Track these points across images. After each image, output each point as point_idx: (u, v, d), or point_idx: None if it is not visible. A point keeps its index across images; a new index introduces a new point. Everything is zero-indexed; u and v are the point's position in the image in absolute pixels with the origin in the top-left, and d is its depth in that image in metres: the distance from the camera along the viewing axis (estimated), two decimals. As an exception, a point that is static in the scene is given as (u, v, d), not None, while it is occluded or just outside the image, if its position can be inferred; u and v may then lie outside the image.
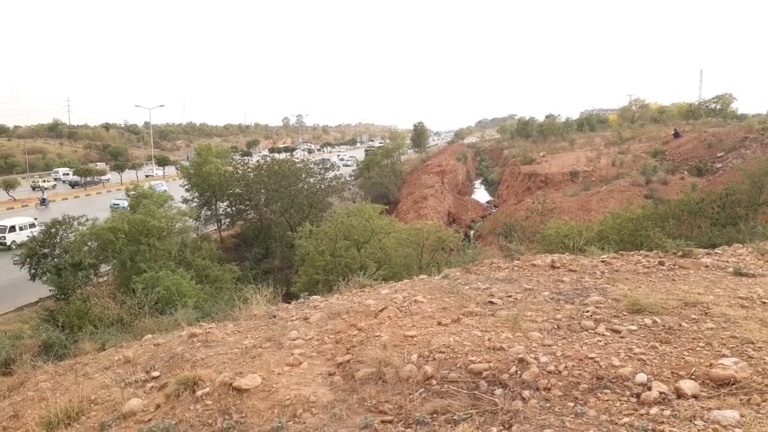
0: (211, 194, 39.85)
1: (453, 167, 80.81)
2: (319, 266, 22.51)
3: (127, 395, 6.34)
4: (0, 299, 26.42)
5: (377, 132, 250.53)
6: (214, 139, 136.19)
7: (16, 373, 9.35)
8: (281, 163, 41.33)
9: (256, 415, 5.21)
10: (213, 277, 26.38)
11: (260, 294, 10.51)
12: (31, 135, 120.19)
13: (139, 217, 26.20)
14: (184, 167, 45.56)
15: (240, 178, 39.35)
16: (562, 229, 20.34)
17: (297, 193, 37.51)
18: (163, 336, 8.94)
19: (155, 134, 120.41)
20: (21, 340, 17.44)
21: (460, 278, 9.01)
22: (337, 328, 7.24)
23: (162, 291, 20.00)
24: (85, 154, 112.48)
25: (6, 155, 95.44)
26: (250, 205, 39.32)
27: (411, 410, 4.91)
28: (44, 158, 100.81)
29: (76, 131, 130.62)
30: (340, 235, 23.32)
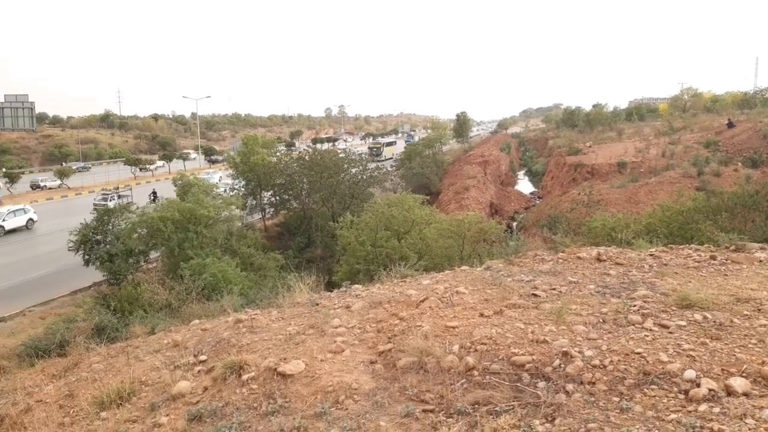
0: (257, 184, 40.56)
1: (496, 158, 79.84)
2: (360, 256, 22.66)
3: (176, 378, 6.57)
4: (55, 283, 27.61)
5: (419, 122, 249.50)
6: (258, 129, 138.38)
7: (71, 355, 9.80)
8: (323, 154, 41.70)
9: (299, 400, 5.32)
10: (257, 265, 26.87)
11: (303, 282, 10.67)
12: (84, 125, 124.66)
13: (187, 206, 26.89)
14: (231, 157, 46.48)
15: (283, 169, 39.90)
16: (609, 221, 19.89)
17: (338, 184, 37.80)
18: (210, 321, 9.19)
19: (202, 125, 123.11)
20: (75, 323, 18.28)
21: (503, 270, 8.94)
22: (378, 317, 7.30)
23: (208, 277, 20.49)
24: (135, 144, 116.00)
25: (60, 145, 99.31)
26: (293, 195, 39.85)
27: (452, 400, 4.94)
28: (96, 148, 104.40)
29: (126, 122, 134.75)
30: (381, 226, 23.39)
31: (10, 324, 22.51)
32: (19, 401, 7.29)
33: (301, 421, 4.86)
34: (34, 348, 16.55)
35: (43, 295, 25.81)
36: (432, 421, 4.72)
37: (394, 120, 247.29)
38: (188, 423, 5.25)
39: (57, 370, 8.76)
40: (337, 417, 4.92)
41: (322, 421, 4.86)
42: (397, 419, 4.78)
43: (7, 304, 24.36)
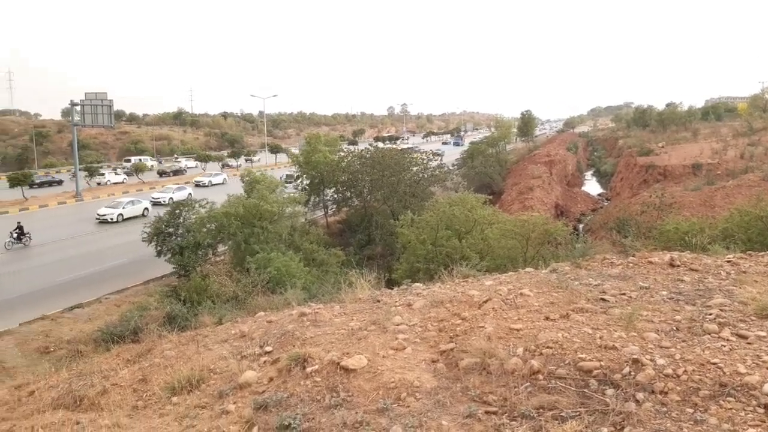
0: (319, 181, 41.25)
1: (562, 157, 77.91)
2: (420, 255, 22.63)
3: (242, 367, 6.77)
4: (130, 273, 29.07)
5: (482, 120, 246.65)
6: (322, 128, 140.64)
7: (144, 341, 10.27)
8: (385, 153, 41.88)
9: (362, 394, 5.38)
10: (319, 261, 27.33)
11: (364, 279, 10.77)
12: (158, 123, 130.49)
13: (252, 202, 27.69)
14: (295, 155, 47.51)
15: (345, 167, 40.38)
16: (682, 225, 19.02)
17: (399, 182, 37.88)
18: (275, 314, 9.41)
19: (268, 123, 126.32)
20: (148, 311, 19.22)
21: (570, 273, 8.72)
22: (440, 316, 7.27)
23: (273, 271, 21.03)
24: (206, 141, 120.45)
25: (136, 141, 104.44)
26: (355, 193, 40.26)
27: (516, 403, 4.86)
28: (169, 144, 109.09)
29: (197, 119, 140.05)
30: (442, 225, 23.27)
31: (88, 310, 23.88)
32: (96, 384, 7.68)
33: (363, 416, 4.91)
34: (109, 334, 17.54)
35: (118, 284, 27.23)
36: (495, 423, 4.66)
37: (457, 118, 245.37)
38: (254, 411, 5.40)
39: (131, 356, 9.16)
40: (399, 414, 4.94)
41: (384, 417, 4.89)
42: (459, 419, 4.76)
43: (86, 292, 25.83)
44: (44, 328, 21.79)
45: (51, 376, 9.07)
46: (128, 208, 42.93)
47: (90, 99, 52.46)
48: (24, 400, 8.09)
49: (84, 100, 52.71)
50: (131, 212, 42.81)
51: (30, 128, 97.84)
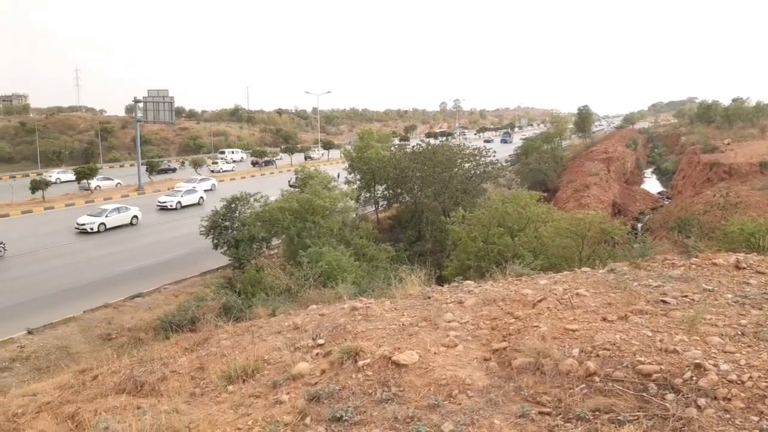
0: (371, 177, 41.46)
1: (621, 154, 75.56)
2: (471, 252, 22.40)
3: (295, 359, 6.88)
4: (187, 264, 30.06)
5: (537, 116, 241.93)
6: (374, 124, 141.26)
7: (201, 330, 10.58)
8: (436, 149, 41.64)
9: (413, 390, 5.38)
10: (369, 256, 27.50)
11: (415, 275, 10.76)
12: (216, 119, 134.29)
13: (306, 197, 28.12)
14: (347, 151, 47.91)
15: (396, 163, 40.41)
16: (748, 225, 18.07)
17: (450, 179, 37.59)
18: (327, 307, 9.53)
19: (321, 119, 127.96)
20: (204, 302, 19.79)
21: (628, 273, 8.45)
22: (492, 314, 7.19)
23: (324, 265, 21.27)
24: (261, 137, 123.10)
25: (195, 137, 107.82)
26: (406, 189, 40.24)
27: (571, 405, 4.76)
28: (226, 140, 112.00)
29: (253, 116, 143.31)
30: (494, 222, 22.96)
31: (148, 300, 24.85)
32: (156, 370, 7.96)
33: (414, 411, 4.91)
34: (168, 322, 18.18)
35: (176, 275, 28.20)
36: (548, 424, 4.58)
37: (511, 114, 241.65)
38: (307, 403, 5.48)
39: (189, 344, 9.44)
40: (451, 411, 4.91)
41: (435, 413, 4.88)
42: (512, 419, 4.69)
43: (146, 282, 26.88)
44: (107, 315, 22.81)
45: (113, 362, 9.45)
46: (112, 217, 38.39)
47: (152, 96, 54.47)
48: (88, 384, 8.46)
49: (146, 97, 54.77)
50: (115, 221, 38.47)
51: (95, 124, 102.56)
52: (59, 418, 7.03)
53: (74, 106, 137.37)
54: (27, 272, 28.11)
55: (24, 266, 29.16)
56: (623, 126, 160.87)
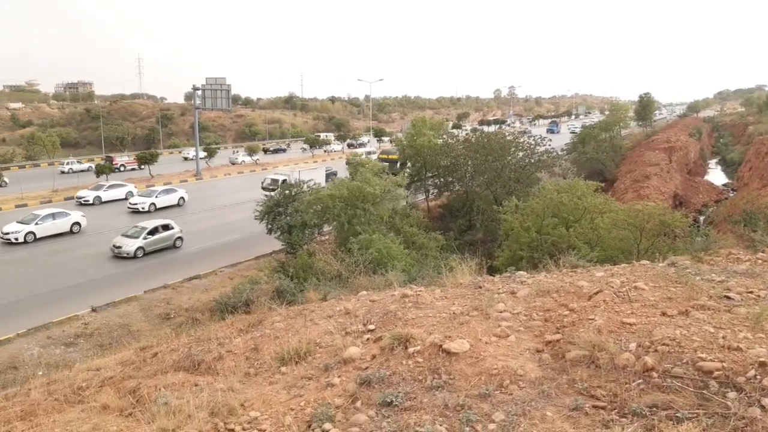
0: (422, 165, 41.30)
1: (683, 144, 72.56)
2: (524, 242, 22.04)
3: (346, 343, 6.98)
4: (243, 248, 30.86)
5: (595, 103, 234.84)
6: (426, 111, 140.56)
7: (255, 312, 10.86)
8: (489, 137, 41.04)
9: (463, 378, 5.36)
10: (419, 244, 27.46)
11: (465, 264, 10.69)
12: (270, 107, 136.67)
13: (356, 184, 28.30)
14: (399, 139, 47.90)
15: (448, 151, 40.06)
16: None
17: (503, 167, 36.99)
18: (377, 293, 9.60)
19: (373, 107, 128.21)
20: (258, 285, 20.24)
21: (690, 267, 8.13)
22: (546, 305, 7.07)
23: (374, 252, 21.39)
24: (314, 124, 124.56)
25: (250, 124, 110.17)
26: (457, 177, 39.88)
27: (627, 400, 4.65)
28: (280, 128, 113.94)
29: (307, 104, 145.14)
30: (548, 212, 22.51)
31: (204, 281, 25.67)
32: (213, 350, 8.23)
33: (465, 400, 4.90)
34: (224, 304, 18.74)
35: (231, 258, 29.01)
36: (603, 418, 4.48)
37: (568, 101, 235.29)
38: (358, 386, 5.55)
39: (244, 326, 9.70)
40: (502, 400, 4.88)
41: (486, 403, 4.85)
42: (565, 411, 4.62)
43: (203, 264, 27.77)
44: (165, 296, 23.72)
45: (172, 341, 9.83)
46: (44, 225, 32.20)
47: (210, 84, 55.83)
48: (148, 361, 8.83)
49: (205, 85, 56.17)
50: (47, 230, 32.24)
51: (156, 111, 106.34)
52: (121, 393, 7.37)
53: (136, 94, 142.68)
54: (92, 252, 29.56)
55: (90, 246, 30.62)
56: (687, 114, 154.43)
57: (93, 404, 7.03)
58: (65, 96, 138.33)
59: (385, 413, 4.98)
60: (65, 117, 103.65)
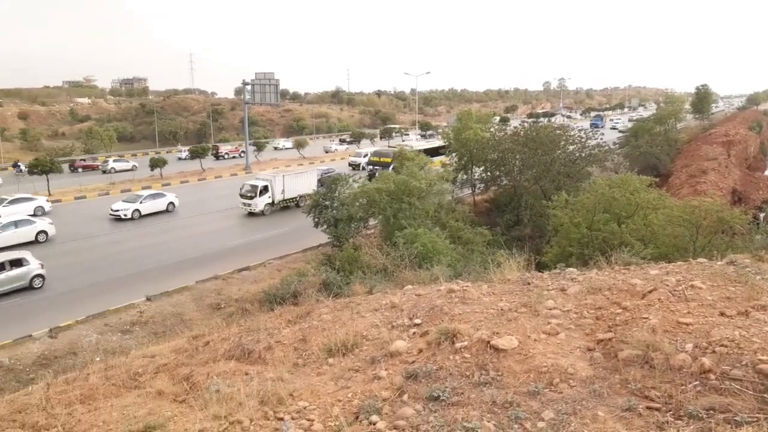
0: (468, 159, 40.91)
1: (743, 137, 69.44)
2: (574, 238, 21.56)
3: (393, 336, 7.01)
4: (291, 241, 31.35)
5: (649, 96, 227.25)
6: (473, 104, 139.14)
7: (303, 304, 11.03)
8: (538, 130, 40.22)
9: (511, 375, 5.31)
10: (465, 239, 27.27)
11: (513, 260, 10.56)
12: (318, 101, 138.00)
13: (402, 178, 28.31)
14: (445, 132, 47.48)
15: (496, 145, 39.50)
16: None
17: (553, 162, 36.21)
18: (423, 288, 9.59)
19: (419, 100, 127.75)
20: (306, 277, 20.57)
21: (750, 266, 7.79)
22: (597, 303, 6.91)
23: (419, 247, 21.38)
24: (360, 118, 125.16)
25: (298, 118, 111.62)
26: (504, 172, 39.30)
27: (682, 402, 4.51)
28: (327, 122, 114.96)
29: (353, 98, 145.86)
30: (600, 208, 21.94)
31: (254, 273, 26.21)
32: (262, 340, 8.40)
33: (513, 397, 4.86)
34: (272, 295, 19.13)
35: (280, 250, 29.52)
36: (657, 420, 4.36)
37: (620, 94, 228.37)
38: (405, 380, 5.58)
39: (292, 317, 9.86)
40: (551, 399, 4.81)
41: (535, 400, 4.79)
42: (617, 412, 4.52)
43: (252, 256, 28.35)
44: (216, 286, 24.34)
45: (223, 330, 10.08)
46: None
47: (259, 79, 56.81)
48: (200, 349, 9.09)
49: (254, 80, 57.19)
50: None
51: (207, 106, 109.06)
52: (175, 379, 7.61)
53: (188, 89, 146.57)
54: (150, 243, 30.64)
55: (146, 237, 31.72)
56: (746, 107, 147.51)
57: (148, 390, 7.27)
58: (121, 91, 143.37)
59: (432, 408, 4.99)
60: (121, 112, 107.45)
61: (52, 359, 17.83)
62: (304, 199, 36.71)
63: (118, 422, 6.07)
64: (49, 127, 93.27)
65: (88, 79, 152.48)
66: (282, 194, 38.89)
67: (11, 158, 68.72)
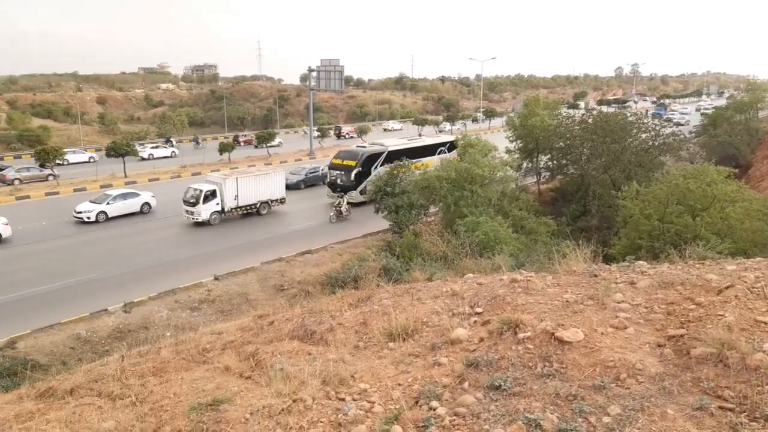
0: (534, 146, 39.99)
1: (833, 127, 64.39)
2: (644, 231, 20.74)
3: (453, 324, 7.00)
4: (352, 227, 31.76)
5: (729, 82, 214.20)
6: (540, 90, 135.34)
7: (363, 288, 11.15)
8: (608, 117, 38.72)
9: (576, 368, 5.21)
10: (528, 229, 26.76)
11: (579, 251, 10.28)
12: (381, 87, 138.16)
13: (464, 165, 28.01)
14: (511, 119, 46.54)
15: (563, 132, 38.37)
16: None
17: (623, 150, 34.83)
18: (485, 277, 9.50)
19: (484, 86, 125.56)
20: (366, 262, 20.80)
21: (840, 264, 7.28)
22: (669, 298, 6.65)
23: (481, 235, 21.16)
24: (423, 105, 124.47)
25: (361, 105, 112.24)
26: (571, 160, 38.17)
27: (758, 403, 4.30)
28: (390, 108, 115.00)
29: (416, 84, 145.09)
30: (673, 199, 20.98)
31: (316, 256, 26.76)
32: (325, 322, 8.58)
33: (578, 390, 4.77)
34: (334, 279, 19.46)
35: (340, 235, 29.96)
36: (730, 420, 4.18)
37: (698, 80, 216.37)
38: (465, 368, 5.57)
39: (353, 300, 10.01)
40: (618, 394, 4.69)
41: (600, 395, 4.69)
42: (688, 410, 4.35)
43: (313, 240, 28.92)
44: (280, 268, 25.03)
45: (287, 311, 10.36)
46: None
47: (324, 65, 57.40)
48: (265, 329, 9.37)
49: (320, 66, 57.84)
50: None
51: (274, 92, 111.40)
52: (241, 356, 7.89)
53: (256, 75, 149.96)
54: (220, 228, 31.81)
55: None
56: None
57: (216, 365, 7.58)
58: (192, 78, 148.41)
59: (493, 396, 4.97)
60: (192, 98, 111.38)
61: (126, 332, 18.90)
62: (266, 206, 34.02)
63: (188, 395, 6.36)
64: (125, 112, 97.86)
65: (162, 66, 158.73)
66: (235, 200, 32.85)
67: (90, 141, 72.67)
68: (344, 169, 37.23)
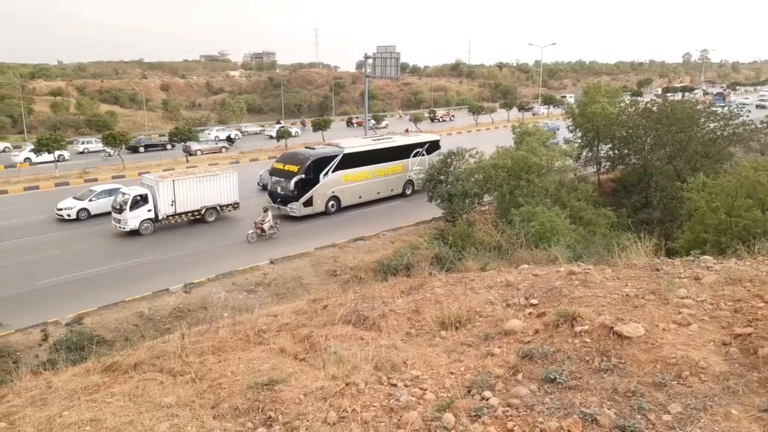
0: (594, 135, 38.79)
1: None
2: (710, 224, 19.89)
3: (507, 315, 6.93)
4: (404, 214, 31.76)
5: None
6: (602, 77, 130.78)
7: (415, 276, 11.17)
8: (674, 105, 37.03)
9: (635, 364, 5.06)
10: (586, 220, 26.08)
11: (641, 244, 9.97)
12: (437, 74, 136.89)
13: (521, 154, 27.51)
14: (570, 106, 45.24)
15: (626, 121, 37.01)
16: None
17: (689, 140, 33.31)
18: (540, 268, 9.34)
19: (544, 73, 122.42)
20: (418, 250, 20.81)
21: None
22: (736, 295, 6.36)
23: (537, 226, 20.79)
24: (479, 92, 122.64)
25: (416, 92, 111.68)
26: (634, 150, 36.83)
27: (833, 410, 4.05)
28: (445, 95, 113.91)
29: (473, 70, 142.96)
30: (742, 192, 20.02)
31: (368, 243, 26.96)
32: (377, 308, 8.64)
33: (637, 386, 4.64)
34: (386, 266, 19.56)
35: (393, 223, 30.04)
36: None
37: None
38: (519, 359, 5.50)
39: (405, 288, 10.03)
40: (679, 392, 4.53)
41: (661, 392, 4.54)
42: (754, 412, 4.17)
43: (367, 227, 29.12)
44: (333, 254, 25.36)
45: (340, 296, 10.49)
46: None
47: (380, 52, 57.27)
48: (319, 312, 9.53)
49: (375, 53, 57.77)
50: None
51: (330, 79, 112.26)
52: (296, 338, 8.06)
53: (313, 63, 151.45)
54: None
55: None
56: None
57: (272, 346, 7.76)
58: (251, 65, 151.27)
59: (547, 389, 4.89)
60: (251, 85, 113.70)
61: (186, 312, 19.65)
62: (214, 212, 29.59)
63: (245, 374, 6.55)
64: (187, 99, 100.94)
65: (222, 53, 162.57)
66: (173, 206, 28.40)
67: (154, 127, 75.42)
68: (285, 176, 31.04)
